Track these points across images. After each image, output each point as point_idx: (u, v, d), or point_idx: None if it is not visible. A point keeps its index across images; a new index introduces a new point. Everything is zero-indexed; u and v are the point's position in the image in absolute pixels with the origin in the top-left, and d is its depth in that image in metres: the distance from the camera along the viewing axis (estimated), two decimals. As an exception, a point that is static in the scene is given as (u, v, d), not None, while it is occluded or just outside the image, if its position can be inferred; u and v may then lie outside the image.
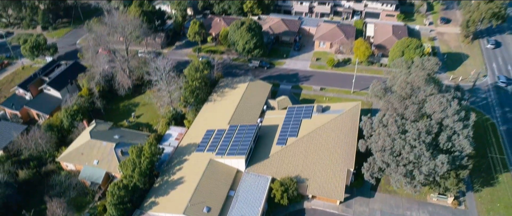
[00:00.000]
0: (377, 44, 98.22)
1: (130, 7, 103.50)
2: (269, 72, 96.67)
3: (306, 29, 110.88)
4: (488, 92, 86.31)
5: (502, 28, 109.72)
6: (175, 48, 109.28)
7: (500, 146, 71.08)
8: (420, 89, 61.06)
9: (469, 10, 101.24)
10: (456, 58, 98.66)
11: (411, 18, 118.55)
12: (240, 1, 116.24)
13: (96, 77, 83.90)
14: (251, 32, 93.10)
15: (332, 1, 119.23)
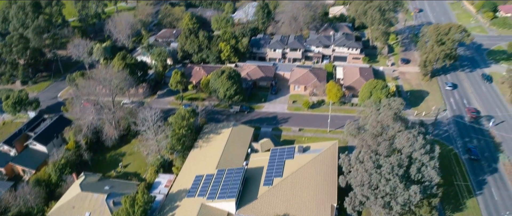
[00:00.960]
0: (347, 86, 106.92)
1: (114, 60, 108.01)
2: (250, 116, 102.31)
3: (281, 74, 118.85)
4: (449, 125, 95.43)
5: (455, 66, 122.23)
6: (158, 97, 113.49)
7: (463, 174, 78.58)
8: (390, 127, 68.16)
9: (425, 52, 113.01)
10: (418, 95, 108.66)
11: (375, 60, 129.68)
12: (217, 50, 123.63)
13: (84, 130, 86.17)
14: (231, 80, 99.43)
15: (303, 47, 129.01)
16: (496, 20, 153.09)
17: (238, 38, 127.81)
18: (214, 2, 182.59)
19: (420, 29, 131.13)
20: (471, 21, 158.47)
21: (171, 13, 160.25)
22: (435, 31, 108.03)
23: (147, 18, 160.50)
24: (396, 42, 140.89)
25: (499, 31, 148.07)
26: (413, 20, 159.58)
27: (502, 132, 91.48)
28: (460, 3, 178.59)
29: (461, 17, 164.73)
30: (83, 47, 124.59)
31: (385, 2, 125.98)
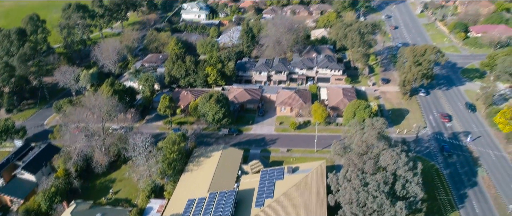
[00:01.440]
0: (332, 106, 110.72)
1: (102, 86, 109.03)
2: (238, 138, 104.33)
3: (267, 96, 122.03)
4: (430, 141, 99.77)
5: (432, 85, 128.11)
6: (146, 122, 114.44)
7: (445, 188, 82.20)
8: (374, 146, 71.45)
9: (404, 72, 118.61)
10: (399, 113, 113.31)
11: (357, 80, 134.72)
12: (204, 74, 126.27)
13: (73, 157, 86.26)
14: (219, 104, 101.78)
15: (287, 69, 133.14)
16: (468, 40, 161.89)
17: (224, 62, 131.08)
18: (199, 27, 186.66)
19: (398, 50, 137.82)
20: (445, 41, 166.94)
21: (157, 38, 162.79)
22: (412, 52, 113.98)
23: (133, 43, 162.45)
24: (376, 63, 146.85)
25: (471, 50, 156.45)
26: (391, 41, 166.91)
27: (479, 147, 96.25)
28: (434, 24, 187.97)
29: (435, 37, 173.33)
30: (70, 74, 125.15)
31: (364, 25, 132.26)
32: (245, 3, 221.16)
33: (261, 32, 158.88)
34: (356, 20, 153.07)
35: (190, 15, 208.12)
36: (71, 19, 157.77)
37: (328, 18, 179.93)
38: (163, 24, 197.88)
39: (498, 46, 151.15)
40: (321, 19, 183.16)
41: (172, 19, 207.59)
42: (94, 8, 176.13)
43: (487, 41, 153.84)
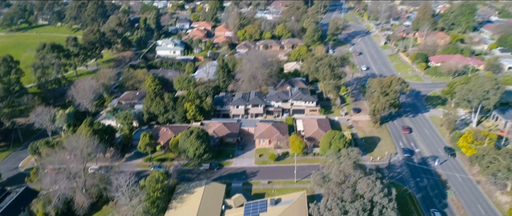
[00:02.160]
0: (308, 137, 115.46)
1: (81, 126, 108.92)
2: (220, 172, 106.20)
3: (245, 129, 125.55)
4: (402, 167, 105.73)
5: (400, 112, 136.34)
6: (126, 160, 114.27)
7: (419, 212, 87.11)
8: (351, 175, 75.85)
9: (373, 102, 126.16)
10: (371, 141, 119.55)
11: (330, 111, 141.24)
12: (183, 110, 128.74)
13: (53, 201, 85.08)
14: (200, 139, 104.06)
15: (264, 103, 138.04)
16: (429, 69, 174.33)
17: (202, 98, 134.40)
18: (175, 63, 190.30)
19: (366, 81, 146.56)
20: (408, 71, 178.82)
21: (133, 75, 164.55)
22: (379, 84, 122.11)
23: (109, 81, 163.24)
24: (346, 93, 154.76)
25: (432, 79, 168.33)
26: (359, 73, 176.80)
27: (447, 171, 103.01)
28: (397, 55, 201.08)
29: (399, 67, 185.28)
30: (46, 114, 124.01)
31: (333, 59, 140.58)
32: (219, 39, 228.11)
33: (236, 67, 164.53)
34: (325, 54, 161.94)
35: (165, 51, 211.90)
36: (46, 59, 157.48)
37: (299, 52, 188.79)
38: (139, 61, 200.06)
39: (455, 75, 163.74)
40: (293, 53, 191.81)
41: (147, 56, 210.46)
42: (68, 47, 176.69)
43: (446, 70, 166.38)
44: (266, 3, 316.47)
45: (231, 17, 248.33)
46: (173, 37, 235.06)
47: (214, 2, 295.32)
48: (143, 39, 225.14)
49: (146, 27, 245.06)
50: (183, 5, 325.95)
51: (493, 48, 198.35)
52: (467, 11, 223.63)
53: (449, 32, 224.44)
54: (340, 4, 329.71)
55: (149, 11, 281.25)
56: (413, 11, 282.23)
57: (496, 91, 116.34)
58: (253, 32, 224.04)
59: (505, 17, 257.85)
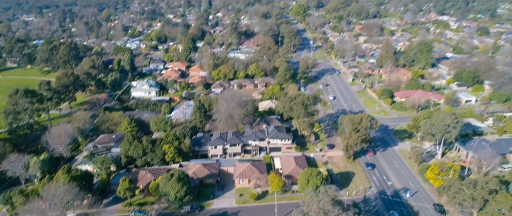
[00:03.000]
0: (286, 175, 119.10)
1: (58, 173, 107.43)
2: (201, 214, 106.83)
3: (225, 169, 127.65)
4: (376, 200, 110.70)
5: (371, 147, 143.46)
6: (104, 206, 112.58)
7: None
8: (330, 212, 79.55)
9: (345, 138, 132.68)
10: (346, 176, 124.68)
11: (305, 147, 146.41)
12: (161, 152, 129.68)
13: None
14: (180, 182, 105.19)
15: (241, 142, 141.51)
16: (395, 104, 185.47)
17: (180, 139, 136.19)
18: (151, 104, 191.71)
19: (338, 118, 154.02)
20: (376, 106, 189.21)
21: (109, 118, 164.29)
22: (350, 121, 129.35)
23: (84, 124, 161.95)
24: (320, 130, 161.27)
25: (398, 114, 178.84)
26: (330, 109, 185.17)
27: (418, 202, 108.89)
28: (365, 91, 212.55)
29: (367, 103, 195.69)
30: (19, 161, 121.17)
31: (306, 98, 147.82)
32: (193, 79, 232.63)
33: (212, 107, 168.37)
34: (298, 92, 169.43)
35: (140, 93, 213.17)
36: (19, 105, 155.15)
37: (273, 91, 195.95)
38: (113, 103, 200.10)
39: (419, 109, 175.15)
40: (267, 92, 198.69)
41: (122, 98, 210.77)
42: (42, 91, 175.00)
43: (410, 105, 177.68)
44: (238, 43, 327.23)
45: (205, 57, 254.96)
46: (148, 78, 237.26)
47: (187, 42, 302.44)
48: (117, 80, 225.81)
49: (120, 69, 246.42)
50: (157, 45, 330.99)
51: (451, 83, 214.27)
52: (425, 49, 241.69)
53: (410, 68, 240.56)
54: (309, 43, 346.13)
55: (123, 52, 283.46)
56: (376, 48, 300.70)
57: (456, 125, 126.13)
58: (227, 71, 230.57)
59: (459, 53, 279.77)
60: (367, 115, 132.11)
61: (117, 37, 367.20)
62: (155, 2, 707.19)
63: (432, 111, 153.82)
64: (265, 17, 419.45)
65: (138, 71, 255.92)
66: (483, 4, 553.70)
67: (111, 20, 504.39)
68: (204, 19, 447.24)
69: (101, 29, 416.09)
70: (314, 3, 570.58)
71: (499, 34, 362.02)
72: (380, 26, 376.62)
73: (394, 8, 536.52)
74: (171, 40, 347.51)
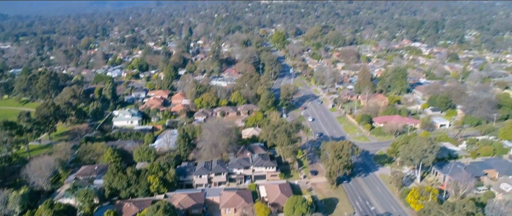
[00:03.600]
0: (272, 203, 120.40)
1: (40, 208, 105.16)
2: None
3: (210, 199, 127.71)
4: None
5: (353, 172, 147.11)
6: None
7: None
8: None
9: (328, 164, 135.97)
10: (330, 202, 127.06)
11: (289, 175, 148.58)
12: (146, 183, 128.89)
13: None
14: (167, 214, 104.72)
15: (226, 171, 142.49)
16: (374, 130, 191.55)
17: (165, 169, 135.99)
18: (133, 134, 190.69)
19: (320, 144, 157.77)
20: (356, 132, 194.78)
21: (91, 149, 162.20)
22: (332, 148, 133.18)
23: (65, 156, 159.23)
24: (303, 156, 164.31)
25: (378, 139, 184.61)
26: (312, 136, 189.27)
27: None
28: (344, 117, 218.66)
29: (348, 128, 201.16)
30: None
31: (289, 126, 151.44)
32: (176, 107, 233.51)
33: (195, 135, 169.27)
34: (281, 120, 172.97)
35: (122, 122, 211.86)
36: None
37: (255, 118, 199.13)
38: (95, 133, 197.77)
39: (397, 134, 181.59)
40: (249, 119, 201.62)
41: (103, 127, 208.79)
42: (21, 123, 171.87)
43: (388, 130, 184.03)
44: (220, 70, 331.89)
45: (187, 85, 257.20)
46: (130, 107, 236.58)
47: (169, 70, 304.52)
48: (99, 110, 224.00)
49: (102, 98, 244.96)
50: (138, 74, 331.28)
51: (426, 108, 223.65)
52: (400, 75, 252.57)
53: (387, 94, 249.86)
54: (289, 70, 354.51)
55: (104, 81, 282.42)
56: (354, 75, 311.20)
57: (433, 150, 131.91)
58: (209, 99, 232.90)
59: (432, 79, 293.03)
60: (348, 141, 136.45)
61: (98, 65, 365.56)
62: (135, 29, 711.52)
63: (410, 136, 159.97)
64: (246, 45, 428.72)
65: (119, 100, 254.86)
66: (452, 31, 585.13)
67: (91, 48, 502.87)
68: (185, 47, 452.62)
69: (80, 57, 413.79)
70: (292, 31, 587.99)
71: (468, 59, 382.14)
72: (357, 53, 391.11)
73: (369, 35, 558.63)
74: (152, 68, 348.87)
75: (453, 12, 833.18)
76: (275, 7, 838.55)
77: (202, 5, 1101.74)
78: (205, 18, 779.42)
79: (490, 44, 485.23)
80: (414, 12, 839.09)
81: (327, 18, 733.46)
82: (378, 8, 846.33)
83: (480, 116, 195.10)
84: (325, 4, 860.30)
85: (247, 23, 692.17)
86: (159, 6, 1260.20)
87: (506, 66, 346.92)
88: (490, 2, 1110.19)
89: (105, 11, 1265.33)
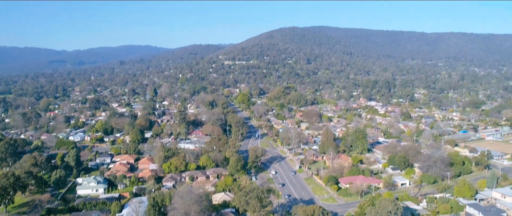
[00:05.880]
0: None
1: None
2: None
3: None
4: None
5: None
6: None
7: None
8: None
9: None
10: None
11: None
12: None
13: None
14: None
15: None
16: (340, 191, 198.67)
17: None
18: (99, 203, 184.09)
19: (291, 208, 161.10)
20: (324, 193, 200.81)
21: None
22: (303, 213, 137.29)
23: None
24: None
25: (345, 200, 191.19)
26: (282, 199, 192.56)
27: None
28: (312, 178, 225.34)
29: (316, 190, 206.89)
30: None
31: (261, 192, 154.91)
32: (143, 173, 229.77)
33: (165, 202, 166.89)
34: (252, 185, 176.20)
35: (86, 191, 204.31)
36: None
37: (225, 182, 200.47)
38: (57, 203, 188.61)
39: (363, 194, 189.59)
40: (220, 184, 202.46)
41: (66, 197, 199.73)
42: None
43: (354, 191, 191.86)
44: (187, 132, 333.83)
45: (155, 149, 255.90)
46: (95, 173, 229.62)
47: (135, 134, 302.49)
48: (62, 178, 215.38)
49: (64, 165, 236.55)
50: (102, 137, 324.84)
51: (386, 167, 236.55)
52: (360, 135, 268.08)
53: (350, 154, 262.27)
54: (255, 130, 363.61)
55: (66, 146, 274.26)
56: (318, 135, 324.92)
57: (397, 211, 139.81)
58: (178, 164, 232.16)
59: (389, 138, 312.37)
60: (318, 206, 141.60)
61: (59, 129, 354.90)
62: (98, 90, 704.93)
63: (375, 196, 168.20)
64: (212, 106, 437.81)
65: (83, 166, 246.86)
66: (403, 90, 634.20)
67: (50, 110, 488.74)
68: (151, 108, 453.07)
69: (40, 120, 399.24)
70: (256, 91, 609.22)
71: (420, 118, 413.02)
72: (319, 113, 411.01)
73: (328, 95, 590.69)
74: (117, 131, 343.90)
75: (402, 72, 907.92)
76: (238, 67, 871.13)
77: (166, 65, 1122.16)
78: (169, 78, 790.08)
79: (437, 102, 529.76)
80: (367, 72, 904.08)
81: (288, 78, 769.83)
82: (334, 69, 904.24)
83: (436, 174, 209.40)
84: (286, 65, 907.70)
85: (211, 83, 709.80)
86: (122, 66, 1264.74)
87: (453, 124, 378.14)
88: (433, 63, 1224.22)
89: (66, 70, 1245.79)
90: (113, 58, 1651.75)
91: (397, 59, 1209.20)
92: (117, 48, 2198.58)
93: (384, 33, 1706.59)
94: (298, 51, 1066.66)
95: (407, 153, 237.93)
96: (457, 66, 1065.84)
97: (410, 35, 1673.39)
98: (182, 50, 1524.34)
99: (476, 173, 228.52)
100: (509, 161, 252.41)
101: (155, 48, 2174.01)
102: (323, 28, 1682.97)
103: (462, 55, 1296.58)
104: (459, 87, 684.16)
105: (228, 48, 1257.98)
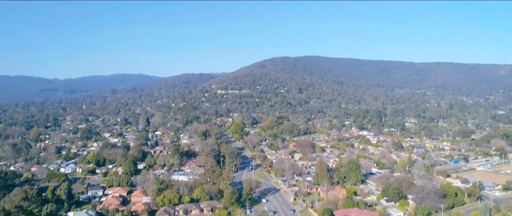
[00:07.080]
0: None
1: None
2: None
3: None
4: None
5: None
6: None
7: None
8: None
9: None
10: None
11: None
12: None
13: None
14: None
15: None
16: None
17: None
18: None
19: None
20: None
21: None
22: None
23: None
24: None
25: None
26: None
27: None
28: (307, 211, 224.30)
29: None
30: None
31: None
32: (136, 206, 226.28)
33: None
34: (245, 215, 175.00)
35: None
36: None
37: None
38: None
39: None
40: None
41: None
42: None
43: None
44: (180, 163, 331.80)
45: (148, 181, 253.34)
46: (86, 207, 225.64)
47: (128, 165, 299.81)
48: (53, 213, 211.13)
49: (55, 198, 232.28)
50: (94, 169, 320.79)
51: (380, 199, 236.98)
52: (353, 167, 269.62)
53: (344, 185, 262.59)
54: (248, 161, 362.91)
55: (57, 179, 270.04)
56: (311, 166, 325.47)
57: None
58: (171, 197, 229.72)
59: (382, 168, 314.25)
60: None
61: (50, 160, 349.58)
62: (89, 119, 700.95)
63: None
64: (205, 136, 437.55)
65: (75, 199, 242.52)
66: (393, 119, 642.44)
67: (41, 140, 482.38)
68: (144, 139, 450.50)
69: (30, 151, 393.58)
70: (249, 121, 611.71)
71: (411, 147, 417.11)
72: (312, 143, 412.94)
73: (320, 124, 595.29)
74: (110, 162, 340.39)
75: (392, 101, 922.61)
76: (231, 97, 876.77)
77: (159, 94, 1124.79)
78: (162, 107, 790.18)
79: (428, 131, 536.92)
80: (358, 101, 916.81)
81: (280, 107, 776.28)
82: (326, 98, 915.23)
83: (430, 206, 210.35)
84: (278, 94, 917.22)
85: (204, 112, 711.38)
86: (114, 94, 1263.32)
87: (444, 154, 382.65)
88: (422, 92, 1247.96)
89: (57, 99, 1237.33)
90: (105, 87, 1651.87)
91: (387, 88, 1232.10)
92: (109, 76, 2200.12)
93: (373, 62, 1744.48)
94: (290, 80, 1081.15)
95: (401, 184, 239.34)
96: (445, 95, 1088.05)
97: (399, 65, 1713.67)
98: (175, 79, 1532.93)
99: (468, 205, 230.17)
100: (500, 192, 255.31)
101: (147, 76, 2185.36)
102: (314, 58, 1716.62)
103: (450, 84, 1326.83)
104: (449, 116, 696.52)
105: (221, 77, 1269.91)
